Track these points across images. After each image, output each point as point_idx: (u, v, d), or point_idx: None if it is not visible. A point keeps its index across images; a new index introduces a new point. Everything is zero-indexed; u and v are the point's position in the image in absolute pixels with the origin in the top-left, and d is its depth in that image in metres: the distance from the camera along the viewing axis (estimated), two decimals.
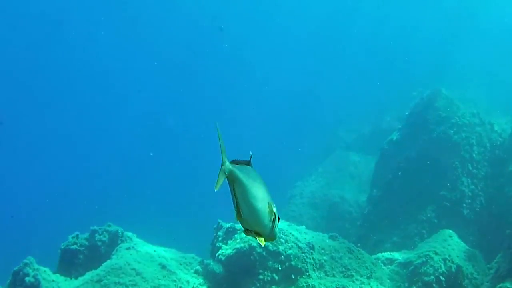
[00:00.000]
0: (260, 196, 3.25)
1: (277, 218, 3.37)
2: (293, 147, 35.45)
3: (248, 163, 3.35)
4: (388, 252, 13.09)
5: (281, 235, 11.12)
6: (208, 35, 52.73)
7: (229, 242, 11.53)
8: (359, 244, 13.74)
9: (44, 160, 45.97)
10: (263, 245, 3.10)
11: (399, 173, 16.21)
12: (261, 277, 10.70)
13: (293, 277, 10.75)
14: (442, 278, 11.50)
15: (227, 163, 3.20)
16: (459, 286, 11.66)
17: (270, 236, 3.37)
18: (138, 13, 53.81)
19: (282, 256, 10.86)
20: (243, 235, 11.23)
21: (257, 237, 3.32)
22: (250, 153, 3.41)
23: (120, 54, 55.89)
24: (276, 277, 10.72)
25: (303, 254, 10.98)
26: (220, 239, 11.86)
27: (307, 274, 10.85)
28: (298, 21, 54.55)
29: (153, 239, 13.77)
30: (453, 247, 12.37)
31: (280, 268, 10.77)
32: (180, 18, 55.52)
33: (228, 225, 11.95)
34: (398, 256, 12.54)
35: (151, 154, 40.30)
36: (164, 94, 54.01)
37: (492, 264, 11.28)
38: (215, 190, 3.15)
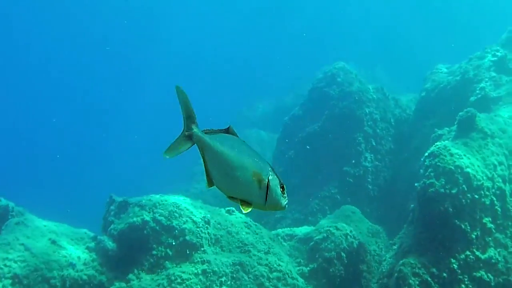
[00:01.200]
0: (239, 164, 3.10)
1: (275, 187, 3.11)
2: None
3: (226, 131, 3.21)
4: (288, 228, 12.86)
5: (175, 209, 10.70)
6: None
7: (121, 216, 11.05)
8: (261, 221, 13.46)
9: None
10: (244, 212, 2.74)
11: (307, 146, 15.92)
12: (154, 252, 10.31)
13: (187, 252, 10.37)
14: (343, 254, 11.32)
15: (195, 129, 3.12)
16: (361, 262, 11.53)
17: (270, 205, 3.14)
18: None
19: (176, 231, 10.44)
20: (136, 209, 10.76)
21: (241, 205, 3.13)
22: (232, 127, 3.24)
23: None
24: (170, 253, 10.33)
25: (198, 229, 10.58)
26: (112, 213, 11.40)
27: (202, 249, 10.48)
28: None
29: (46, 214, 13.17)
30: (356, 223, 12.34)
31: (174, 243, 10.35)
32: None
33: (120, 199, 11.47)
34: (298, 231, 12.34)
35: (54, 120, 38.89)
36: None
37: (395, 240, 11.14)
38: (166, 157, 3.08)
